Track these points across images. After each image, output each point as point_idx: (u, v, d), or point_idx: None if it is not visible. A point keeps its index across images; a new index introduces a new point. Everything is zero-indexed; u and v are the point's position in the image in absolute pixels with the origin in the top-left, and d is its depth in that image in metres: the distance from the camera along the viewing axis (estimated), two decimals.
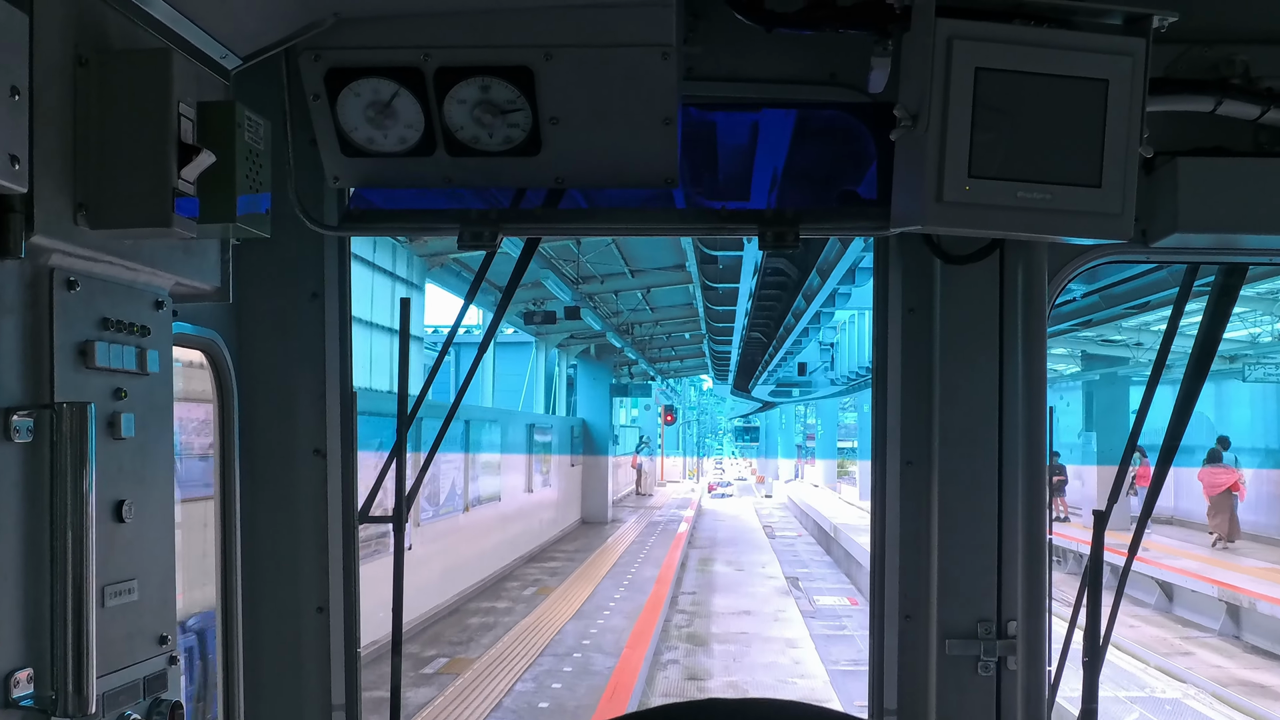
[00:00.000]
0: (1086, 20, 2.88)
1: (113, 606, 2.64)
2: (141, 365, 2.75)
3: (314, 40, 3.03)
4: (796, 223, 3.38)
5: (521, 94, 3.10)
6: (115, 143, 2.51)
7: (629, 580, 27.57)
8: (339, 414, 3.68)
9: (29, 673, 2.39)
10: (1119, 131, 2.86)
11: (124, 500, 2.68)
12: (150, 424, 2.81)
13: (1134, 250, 3.60)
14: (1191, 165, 3.34)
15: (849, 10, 3.13)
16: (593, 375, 44.97)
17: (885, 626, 3.73)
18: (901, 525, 3.70)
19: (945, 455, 3.65)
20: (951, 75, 2.81)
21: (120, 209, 2.52)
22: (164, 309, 2.89)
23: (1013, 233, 3.12)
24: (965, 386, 3.66)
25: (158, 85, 2.53)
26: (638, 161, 3.24)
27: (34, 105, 2.31)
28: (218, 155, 2.60)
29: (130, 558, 2.72)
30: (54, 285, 2.48)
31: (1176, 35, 2.98)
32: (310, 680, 3.69)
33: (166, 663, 2.86)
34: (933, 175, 2.85)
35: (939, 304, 3.65)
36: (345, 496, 3.70)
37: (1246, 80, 3.33)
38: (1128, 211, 2.91)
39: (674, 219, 3.79)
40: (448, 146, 3.17)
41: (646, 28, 3.02)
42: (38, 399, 2.44)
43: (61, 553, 2.45)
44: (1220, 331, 3.99)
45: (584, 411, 44.71)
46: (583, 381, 45.28)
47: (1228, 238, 3.50)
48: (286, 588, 3.67)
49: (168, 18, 2.73)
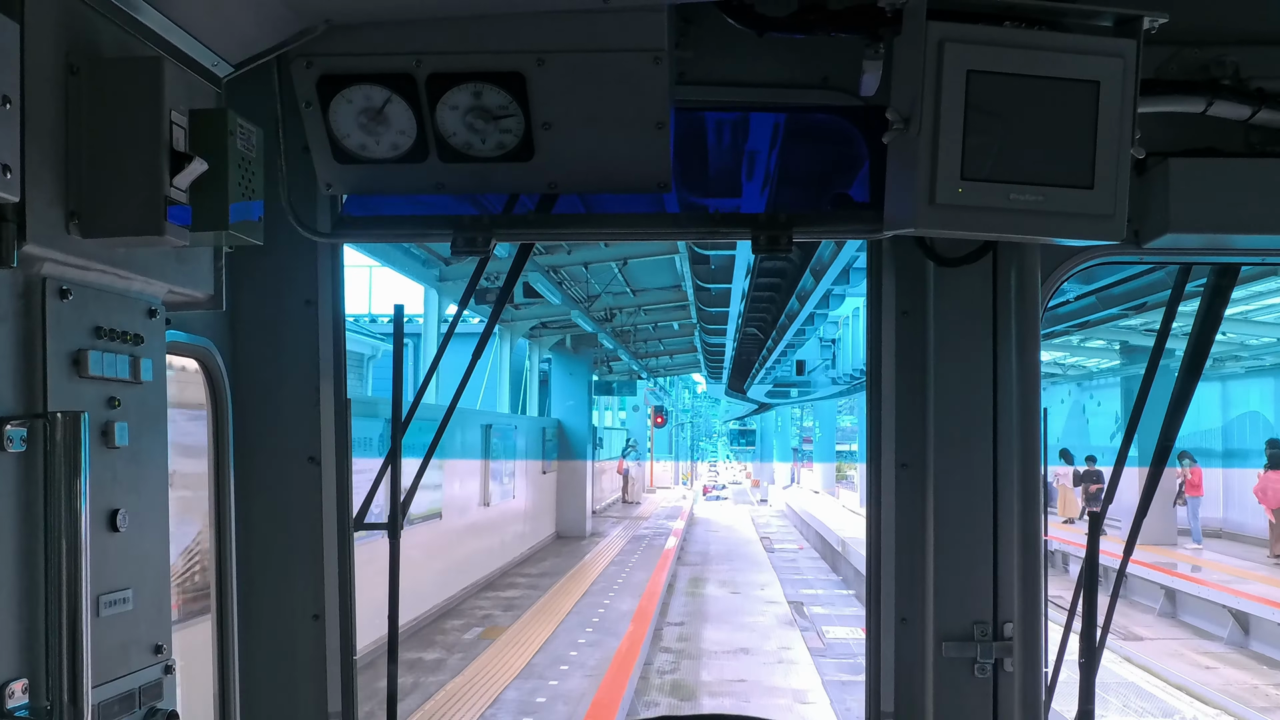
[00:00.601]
0: (1077, 22, 2.89)
1: (107, 616, 2.64)
2: (135, 374, 2.75)
3: (306, 47, 3.03)
4: (789, 226, 3.38)
5: (514, 99, 3.09)
6: (107, 151, 2.51)
7: (600, 616, 21.83)
8: (333, 421, 3.68)
9: (24, 683, 2.39)
10: (1110, 133, 2.87)
11: (118, 509, 2.67)
12: (144, 432, 2.80)
13: (1126, 251, 3.61)
14: (1183, 166, 3.35)
15: (840, 14, 3.13)
16: (569, 370, 38.99)
17: (881, 629, 3.73)
18: (897, 528, 3.71)
19: (940, 457, 3.66)
20: (943, 78, 2.81)
21: (112, 217, 2.51)
22: (157, 317, 2.89)
23: (1006, 235, 3.12)
24: (959, 388, 3.66)
25: (149, 93, 2.53)
26: (630, 166, 3.24)
27: (25, 114, 2.30)
28: (210, 163, 2.60)
29: (125, 567, 2.72)
30: (46, 294, 2.48)
31: (1167, 37, 2.99)
32: (306, 687, 3.68)
33: (162, 672, 2.85)
34: (925, 178, 2.86)
35: (932, 306, 3.66)
36: (340, 504, 3.69)
37: (1237, 81, 3.34)
38: (1120, 213, 2.92)
39: (667, 223, 3.80)
40: (440, 153, 3.17)
41: (638, 32, 3.02)
42: (31, 408, 2.44)
43: (56, 562, 2.45)
44: (1213, 332, 4.00)
45: (559, 411, 38.64)
46: (558, 377, 39.14)
47: (1220, 238, 3.50)
48: (282, 595, 3.67)
49: (159, 26, 2.73)
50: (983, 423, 3.66)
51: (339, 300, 3.69)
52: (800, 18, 3.17)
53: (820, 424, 75.60)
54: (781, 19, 3.18)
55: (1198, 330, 3.99)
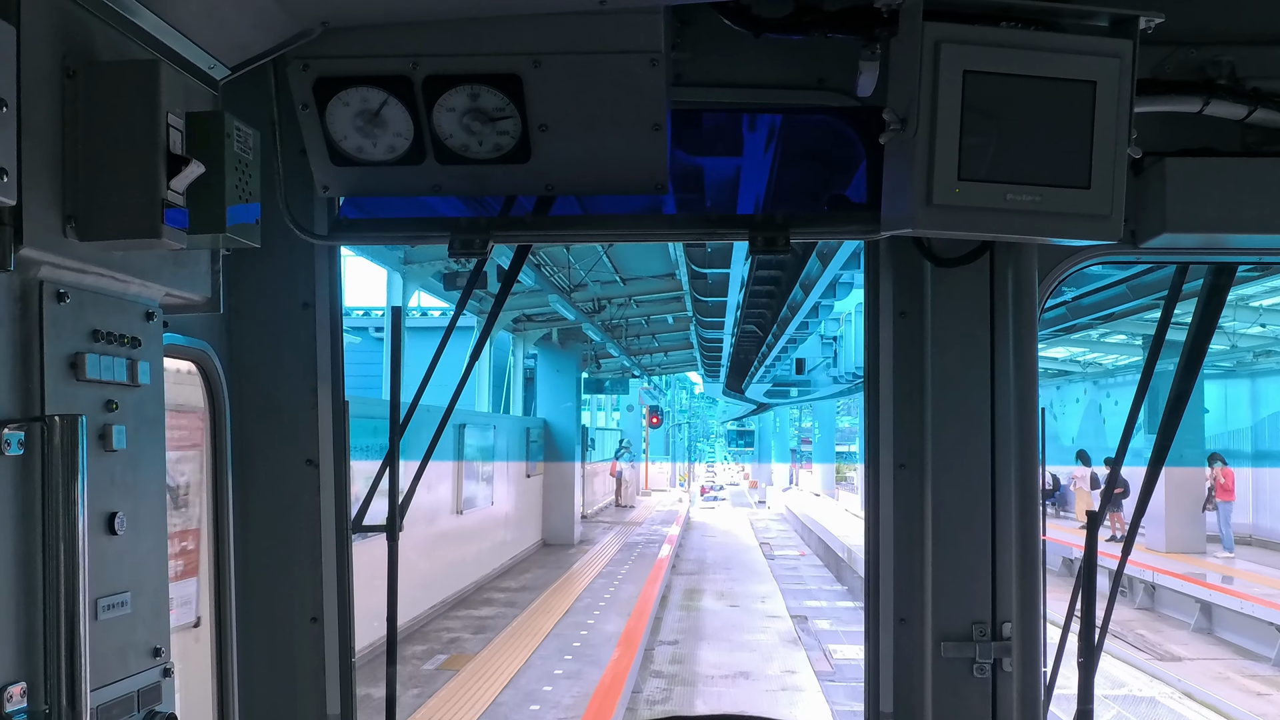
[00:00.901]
0: (1073, 22, 2.89)
1: (106, 619, 2.63)
2: (132, 377, 2.75)
3: (302, 50, 3.03)
4: (787, 227, 3.39)
5: (511, 101, 3.10)
6: (104, 154, 2.50)
7: (583, 639, 19.50)
8: (331, 424, 3.68)
9: (22, 687, 2.39)
10: (1107, 133, 2.87)
11: (116, 512, 2.67)
12: (142, 436, 2.80)
13: (1123, 251, 3.61)
14: (1179, 166, 3.36)
15: (837, 15, 3.14)
16: (556, 366, 36.44)
17: (880, 630, 3.73)
18: (895, 528, 3.71)
19: (938, 457, 3.66)
20: (940, 78, 2.82)
21: (109, 220, 2.51)
22: (154, 320, 2.89)
23: (1003, 235, 3.13)
24: (957, 388, 3.66)
25: (146, 96, 2.53)
26: (627, 168, 3.24)
27: (22, 117, 2.30)
28: (207, 165, 2.60)
29: (123, 570, 2.71)
30: (44, 297, 2.47)
31: (1163, 37, 2.99)
32: (305, 690, 3.68)
33: (160, 675, 2.85)
34: (922, 178, 2.86)
35: (930, 307, 3.66)
36: (339, 507, 3.69)
37: (1233, 81, 3.35)
38: (1117, 212, 2.92)
39: (664, 225, 3.80)
40: (437, 155, 3.17)
41: (635, 34, 3.02)
42: (28, 412, 2.44)
43: (54, 566, 2.45)
44: (1210, 331, 4.00)
45: (546, 410, 36.06)
46: (544, 373, 36.51)
47: (1216, 238, 3.51)
48: (280, 598, 3.67)
49: (155, 29, 2.72)
50: (981, 422, 3.66)
51: (337, 302, 3.69)
52: (796, 19, 3.17)
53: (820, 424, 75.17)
54: (778, 20, 3.19)
55: (1195, 330, 3.99)
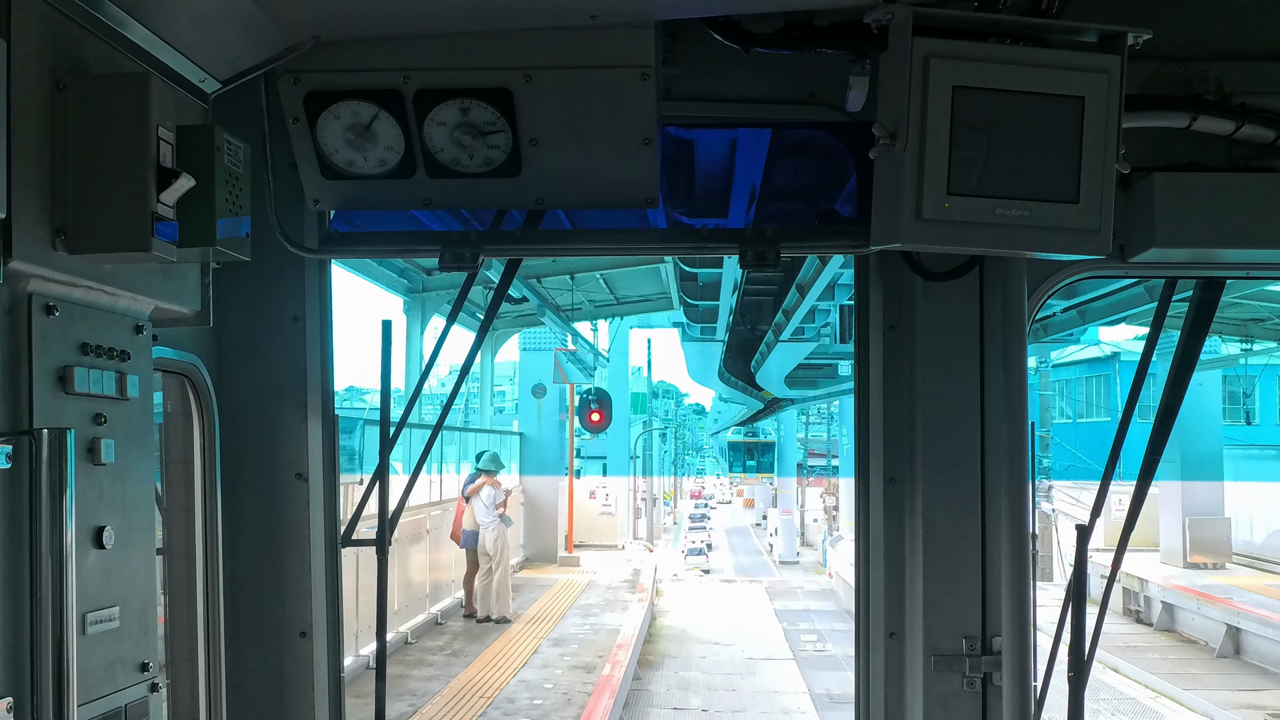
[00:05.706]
0: (1062, 38, 2.91)
1: (93, 634, 2.62)
2: (121, 390, 2.74)
3: (293, 64, 3.03)
4: (777, 242, 3.40)
5: (501, 115, 3.10)
6: (93, 167, 2.50)
7: None
8: (320, 437, 3.66)
9: (9, 702, 2.37)
10: (1095, 148, 2.89)
11: (104, 526, 2.66)
12: (130, 449, 2.79)
13: (1112, 265, 3.62)
14: (1167, 180, 3.37)
15: (827, 30, 3.15)
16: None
17: (870, 645, 3.73)
18: (885, 543, 3.71)
19: (927, 471, 3.66)
20: (929, 93, 2.83)
21: (99, 233, 2.51)
22: (144, 333, 2.88)
23: (992, 249, 3.14)
24: (946, 403, 3.67)
25: (136, 109, 2.52)
26: (618, 182, 3.24)
27: (11, 130, 2.30)
28: (197, 179, 2.60)
29: (111, 584, 2.70)
30: (32, 310, 2.47)
31: (1151, 53, 3.01)
32: (295, 704, 3.66)
33: (148, 690, 2.83)
34: (911, 193, 2.87)
35: (919, 321, 3.67)
36: (328, 520, 3.68)
37: (1220, 96, 3.37)
38: (1105, 227, 2.94)
39: (654, 239, 3.81)
40: (428, 168, 3.17)
41: (625, 49, 3.03)
42: (16, 425, 2.43)
43: (42, 580, 2.43)
44: (1199, 345, 4.01)
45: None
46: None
47: (1204, 252, 3.53)
48: (269, 612, 3.65)
49: (146, 42, 2.72)
50: (970, 437, 3.66)
51: (326, 316, 3.69)
52: (787, 34, 3.18)
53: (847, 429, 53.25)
54: (768, 35, 3.20)
55: (1183, 344, 4.01)
